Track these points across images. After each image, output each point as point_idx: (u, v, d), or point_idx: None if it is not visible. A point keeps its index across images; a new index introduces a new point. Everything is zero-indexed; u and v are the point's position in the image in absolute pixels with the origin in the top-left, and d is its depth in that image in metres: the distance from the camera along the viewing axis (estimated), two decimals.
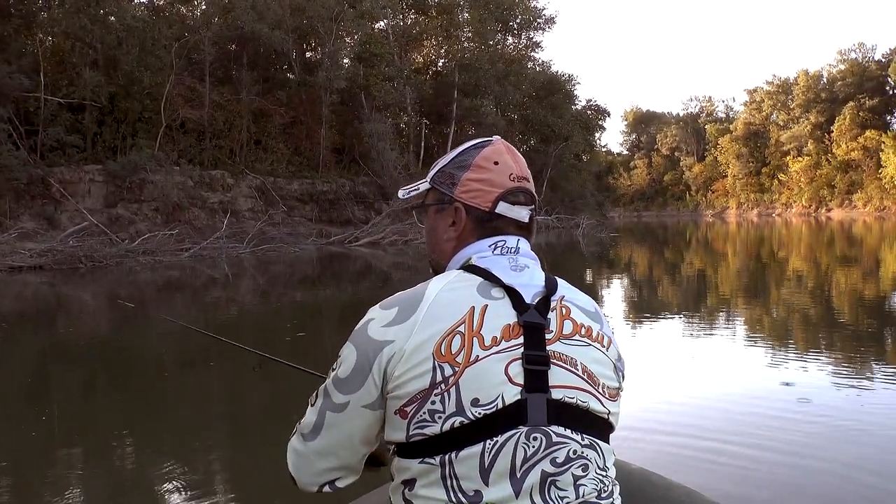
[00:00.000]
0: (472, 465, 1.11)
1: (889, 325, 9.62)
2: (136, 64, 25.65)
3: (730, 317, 10.36)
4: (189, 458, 4.40)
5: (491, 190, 1.28)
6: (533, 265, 1.28)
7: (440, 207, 1.33)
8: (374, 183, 33.56)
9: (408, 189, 1.41)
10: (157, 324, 9.88)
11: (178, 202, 25.65)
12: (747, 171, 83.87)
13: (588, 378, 1.19)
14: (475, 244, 1.28)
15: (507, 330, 1.16)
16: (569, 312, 1.23)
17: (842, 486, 3.63)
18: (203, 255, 21.34)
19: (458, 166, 1.31)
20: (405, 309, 1.18)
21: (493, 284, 1.20)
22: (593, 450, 1.17)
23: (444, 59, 43.51)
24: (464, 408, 1.11)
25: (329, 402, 1.22)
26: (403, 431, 1.15)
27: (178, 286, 16.19)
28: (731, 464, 3.93)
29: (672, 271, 19.02)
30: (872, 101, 70.68)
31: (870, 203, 66.41)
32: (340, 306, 12.44)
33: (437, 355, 1.12)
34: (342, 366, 1.21)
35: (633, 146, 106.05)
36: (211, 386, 6.61)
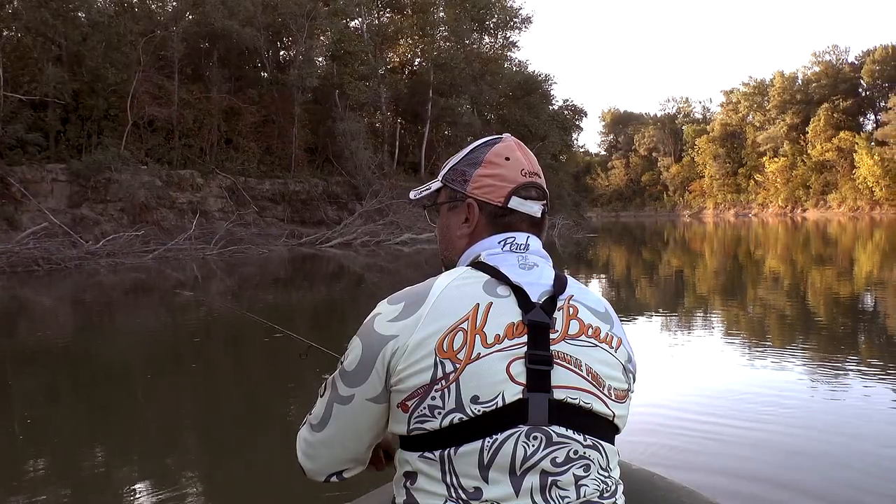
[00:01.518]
0: (470, 461, 1.11)
1: (869, 323, 9.62)
2: (102, 60, 24.88)
3: (708, 316, 10.35)
4: (166, 464, 4.30)
5: (503, 185, 1.28)
6: (543, 263, 1.27)
7: (453, 205, 1.33)
8: (348, 183, 33.03)
9: (419, 189, 1.42)
10: (122, 328, 9.56)
11: (146, 202, 24.96)
12: (724, 171, 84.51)
13: (592, 379, 1.18)
14: (485, 241, 1.28)
15: (510, 328, 1.15)
16: (576, 312, 1.22)
17: (840, 483, 3.63)
18: (168, 257, 20.69)
19: (470, 163, 1.32)
20: (411, 304, 1.18)
21: (500, 282, 1.20)
22: (596, 450, 1.17)
23: (420, 58, 43.04)
24: (463, 404, 1.11)
25: (336, 394, 1.23)
26: (404, 425, 1.16)
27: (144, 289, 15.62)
28: (713, 459, 3.98)
29: (650, 271, 18.89)
30: (846, 102, 71.59)
31: (844, 203, 67.13)
32: (313, 308, 12.13)
33: (439, 351, 1.13)
34: (348, 358, 1.22)
35: (610, 147, 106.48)
36: (186, 390, 6.39)
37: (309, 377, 6.69)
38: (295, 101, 31.96)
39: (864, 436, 4.41)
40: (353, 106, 34.83)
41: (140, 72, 26.34)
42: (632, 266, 20.77)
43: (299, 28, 32.26)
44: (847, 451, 4.14)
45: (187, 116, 28.95)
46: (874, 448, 4.18)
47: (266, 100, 32.38)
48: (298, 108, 32.17)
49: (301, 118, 32.79)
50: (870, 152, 63.53)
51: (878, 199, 63.57)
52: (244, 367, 7.43)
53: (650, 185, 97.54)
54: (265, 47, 33.35)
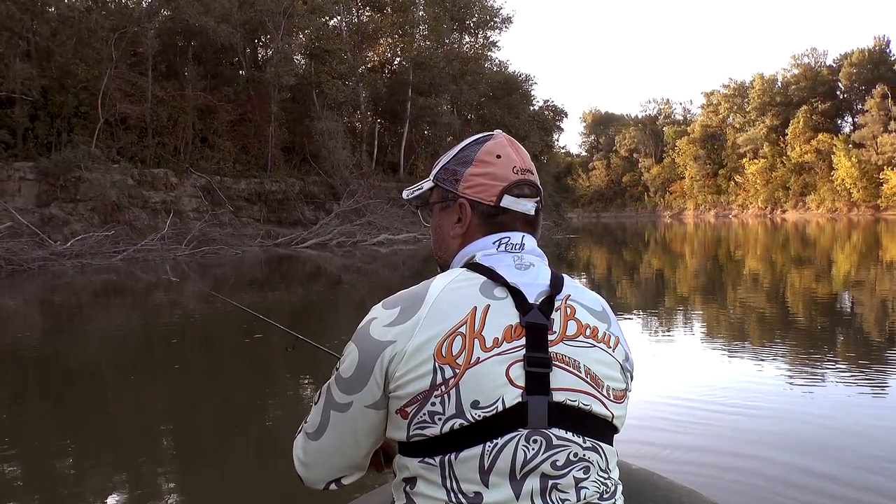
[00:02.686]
0: (471, 466, 1.10)
1: (847, 321, 9.71)
2: (72, 56, 24.25)
3: (688, 316, 10.38)
4: (141, 470, 4.19)
5: (495, 184, 1.27)
6: (539, 263, 1.25)
7: (445, 205, 1.32)
8: (326, 183, 32.63)
9: (411, 189, 1.40)
10: (92, 332, 9.40)
11: (117, 202, 24.41)
12: (704, 172, 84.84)
13: (591, 380, 1.17)
14: (479, 241, 1.26)
15: (508, 331, 1.14)
16: (574, 312, 1.21)
17: (834, 483, 3.63)
18: (137, 258, 20.18)
19: (461, 162, 1.30)
20: (407, 308, 1.16)
21: (496, 284, 1.19)
22: (595, 452, 1.17)
23: (400, 57, 42.71)
24: (464, 410, 1.10)
25: (332, 401, 1.21)
26: (404, 431, 1.15)
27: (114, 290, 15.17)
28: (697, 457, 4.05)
29: (630, 272, 18.76)
30: (825, 104, 72.19)
31: (822, 205, 67.62)
32: (290, 309, 11.89)
33: (437, 357, 1.11)
34: (344, 365, 1.20)
35: (591, 147, 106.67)
36: (163, 393, 6.25)
37: (287, 379, 6.72)
38: (272, 100, 31.51)
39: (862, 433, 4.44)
40: (332, 105, 34.47)
41: (112, 68, 25.74)
42: (612, 266, 20.59)
43: (276, 25, 31.83)
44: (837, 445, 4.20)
45: (161, 114, 28.39)
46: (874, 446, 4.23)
47: (242, 98, 31.90)
48: (275, 107, 31.72)
49: (278, 117, 32.35)
50: (847, 154, 64.02)
51: (855, 201, 64.06)
52: (224, 368, 7.35)
53: (631, 186, 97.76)
54: (242, 45, 32.87)
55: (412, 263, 21.60)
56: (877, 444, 4.26)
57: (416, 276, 18.32)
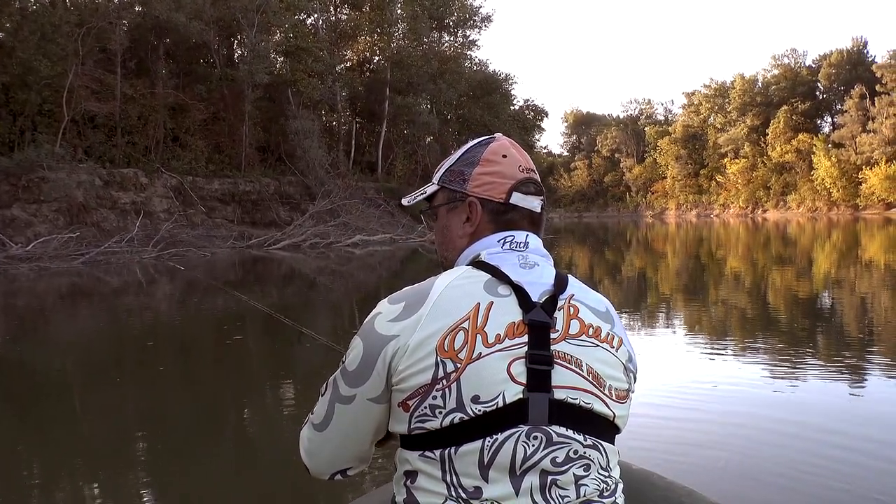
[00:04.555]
0: (471, 461, 1.12)
1: (827, 319, 9.76)
2: (34, 52, 23.47)
3: (670, 315, 10.41)
4: (117, 477, 4.08)
5: (503, 181, 1.29)
6: (543, 262, 1.27)
7: (453, 205, 1.33)
8: (301, 183, 32.03)
9: (413, 195, 1.41)
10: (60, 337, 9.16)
11: (84, 202, 23.70)
12: (686, 172, 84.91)
13: (593, 379, 1.18)
14: (484, 240, 1.28)
15: (511, 328, 1.15)
16: (577, 312, 1.22)
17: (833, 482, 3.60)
18: (100, 261, 19.44)
19: (467, 163, 1.32)
20: (411, 304, 1.18)
21: (501, 281, 1.20)
22: (596, 450, 1.17)
23: (378, 56, 42.18)
24: (464, 404, 1.11)
25: (337, 393, 1.23)
26: (405, 424, 1.16)
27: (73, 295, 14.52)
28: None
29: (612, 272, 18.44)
30: (804, 105, 72.41)
31: (803, 204, 67.85)
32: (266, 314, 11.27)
33: (439, 351, 1.13)
34: (349, 358, 1.22)
35: (573, 147, 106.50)
36: (126, 398, 6.09)
37: (266, 383, 6.63)
38: (245, 98, 30.88)
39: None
40: (307, 104, 33.87)
41: (78, 65, 24.97)
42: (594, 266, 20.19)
43: (250, 22, 31.20)
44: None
45: (131, 112, 27.70)
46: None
47: (215, 96, 31.27)
48: (249, 105, 31.12)
49: (252, 115, 31.74)
50: (827, 154, 64.22)
51: (835, 200, 64.26)
52: (204, 371, 7.25)
53: (613, 186, 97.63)
54: (216, 42, 32.22)
55: (389, 264, 21.08)
56: (872, 438, 4.23)
57: (393, 277, 17.90)
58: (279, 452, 4.37)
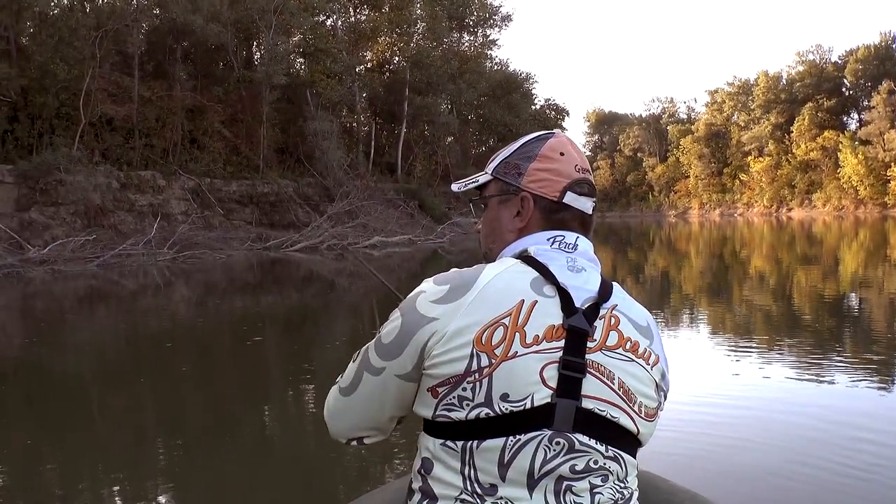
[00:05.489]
0: (491, 458, 1.11)
1: (854, 321, 9.56)
2: (52, 55, 23.48)
3: (691, 316, 10.25)
4: (130, 476, 4.07)
5: (559, 179, 1.28)
6: (591, 268, 1.26)
7: (505, 198, 1.32)
8: (320, 184, 31.86)
9: (464, 182, 1.40)
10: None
11: (101, 205, 23.69)
12: (709, 171, 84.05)
13: (623, 394, 1.18)
14: (534, 236, 1.27)
15: (550, 331, 1.15)
16: (617, 323, 1.21)
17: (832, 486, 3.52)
18: (114, 264, 19.33)
19: (524, 157, 1.31)
20: (456, 288, 1.17)
21: (547, 281, 1.19)
22: (616, 462, 1.17)
23: (398, 56, 41.97)
24: (492, 401, 1.11)
25: (367, 362, 1.23)
26: (431, 409, 1.16)
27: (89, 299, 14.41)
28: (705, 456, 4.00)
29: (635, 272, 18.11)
30: (830, 101, 71.27)
31: (829, 202, 66.79)
32: (286, 315, 11.23)
33: (477, 343, 1.12)
34: (386, 330, 1.21)
35: (595, 147, 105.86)
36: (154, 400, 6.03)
37: (284, 384, 6.55)
38: (263, 100, 30.79)
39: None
40: (326, 105, 33.73)
41: (95, 68, 24.98)
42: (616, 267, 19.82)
43: (267, 24, 31.12)
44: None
45: (148, 115, 27.64)
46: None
47: (233, 98, 31.19)
48: (267, 107, 30.99)
49: (270, 117, 31.63)
50: (854, 151, 63.11)
51: (862, 199, 63.15)
52: (222, 373, 7.19)
53: (635, 186, 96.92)
54: (234, 44, 32.21)
55: (409, 266, 20.82)
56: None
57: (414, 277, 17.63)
58: (299, 454, 4.38)
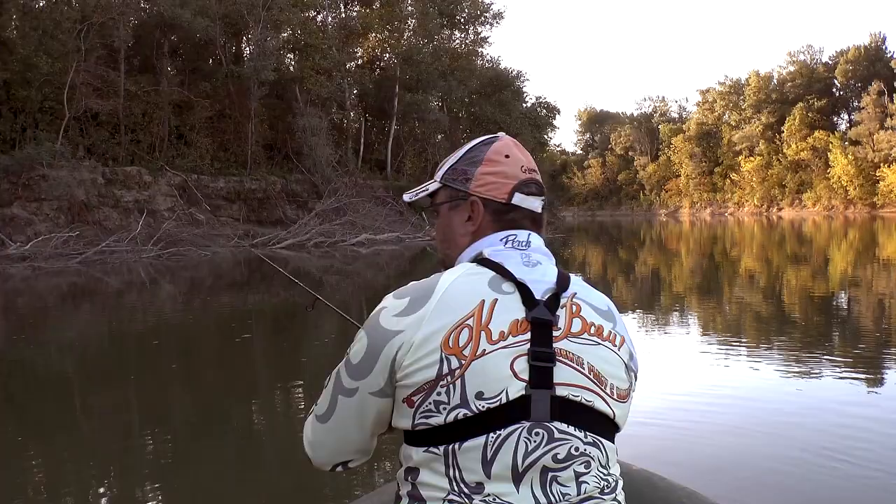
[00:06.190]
0: (474, 456, 1.12)
1: (843, 321, 9.62)
2: (35, 48, 23.15)
3: (683, 315, 10.32)
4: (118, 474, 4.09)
5: (506, 182, 1.30)
6: (546, 261, 1.28)
7: (455, 204, 1.34)
8: (308, 181, 31.60)
9: (415, 191, 1.42)
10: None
11: (86, 201, 23.40)
12: (700, 170, 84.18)
13: (594, 377, 1.19)
14: (487, 238, 1.29)
15: (514, 325, 1.16)
16: (579, 310, 1.23)
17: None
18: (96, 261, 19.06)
19: (470, 162, 1.33)
20: (417, 299, 1.19)
21: (505, 279, 1.21)
22: (596, 448, 1.18)
23: (388, 53, 41.69)
24: (468, 400, 1.12)
25: (340, 385, 1.23)
26: (409, 419, 1.16)
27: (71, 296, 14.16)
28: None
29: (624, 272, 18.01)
30: (820, 102, 71.53)
31: (819, 202, 67.00)
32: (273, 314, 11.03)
33: (444, 347, 1.13)
34: (354, 350, 1.22)
35: (586, 146, 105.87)
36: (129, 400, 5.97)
37: (273, 382, 6.55)
38: (252, 96, 30.52)
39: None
40: (315, 101, 33.45)
41: (80, 61, 24.65)
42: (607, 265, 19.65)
43: (256, 19, 30.84)
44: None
45: (135, 110, 27.37)
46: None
47: (221, 93, 30.91)
48: (255, 103, 30.71)
49: (259, 113, 31.37)
50: (843, 152, 63.34)
51: (851, 198, 63.39)
52: (211, 371, 7.16)
53: (626, 184, 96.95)
54: (222, 39, 31.88)
55: (397, 264, 20.64)
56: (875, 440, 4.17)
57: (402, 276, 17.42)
58: (287, 452, 4.34)
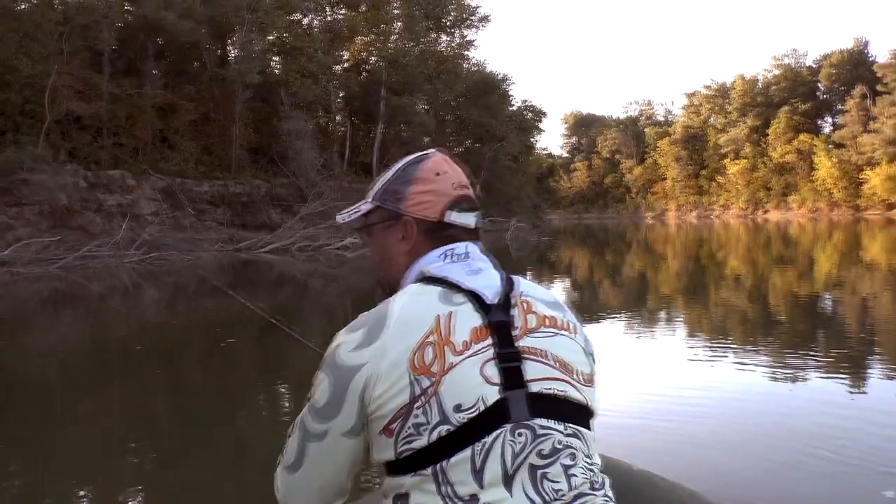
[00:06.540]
0: (464, 469, 1.10)
1: (825, 322, 9.73)
2: (15, 51, 22.87)
3: (670, 316, 10.35)
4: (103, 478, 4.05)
5: (438, 200, 1.30)
6: (487, 266, 1.28)
7: (388, 224, 1.33)
8: (294, 185, 31.45)
9: (348, 212, 1.40)
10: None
11: (68, 205, 23.13)
12: (686, 173, 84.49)
13: (562, 367, 1.20)
14: (426, 256, 1.29)
15: (475, 333, 1.16)
16: (530, 306, 1.24)
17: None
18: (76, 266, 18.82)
19: (402, 182, 1.32)
20: (372, 329, 1.17)
21: (453, 291, 1.21)
22: (577, 438, 1.18)
23: (375, 56, 41.63)
24: (447, 415, 1.11)
25: (308, 432, 1.21)
26: (392, 449, 1.14)
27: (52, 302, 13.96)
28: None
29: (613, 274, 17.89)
30: (805, 105, 72.08)
31: (804, 205, 67.42)
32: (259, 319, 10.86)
33: (412, 369, 1.12)
34: (316, 394, 1.20)
35: (573, 149, 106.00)
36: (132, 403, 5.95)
37: (260, 385, 6.51)
38: (237, 99, 30.32)
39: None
40: (301, 105, 33.31)
41: (62, 64, 24.38)
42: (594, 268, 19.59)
43: (241, 22, 30.66)
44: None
45: (118, 113, 27.10)
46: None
47: (205, 96, 30.70)
48: (240, 106, 30.53)
49: (243, 116, 31.19)
50: (828, 154, 63.80)
51: (836, 201, 63.85)
52: (196, 374, 7.17)
53: (613, 187, 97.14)
54: (208, 42, 31.68)
55: None
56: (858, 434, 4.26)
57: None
58: (272, 456, 4.13)
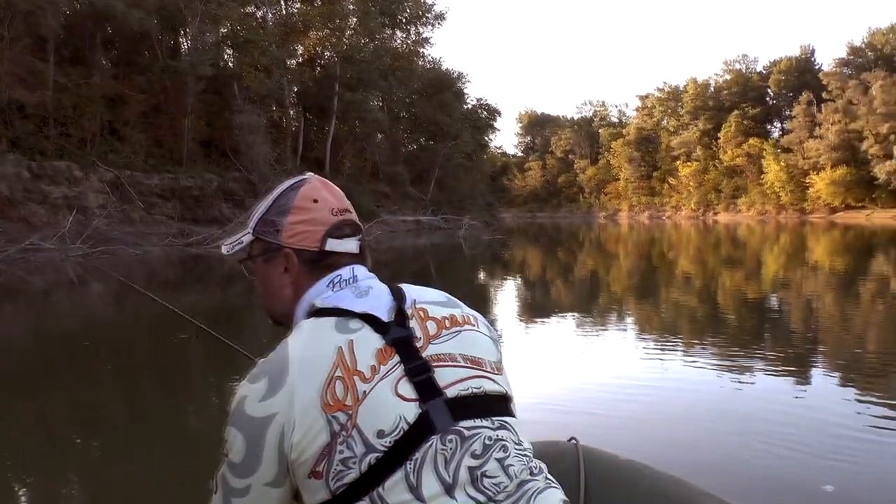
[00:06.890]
0: (401, 489, 1.09)
1: (771, 320, 9.86)
2: None
3: (620, 315, 10.41)
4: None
5: (316, 229, 1.28)
6: (374, 283, 1.28)
7: (269, 256, 1.30)
8: (246, 179, 31.03)
9: (231, 244, 1.36)
10: None
11: (10, 196, 22.43)
12: (639, 174, 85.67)
13: (473, 364, 1.20)
14: (313, 289, 1.27)
15: (380, 355, 1.15)
16: (427, 313, 1.24)
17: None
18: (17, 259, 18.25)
19: (279, 212, 1.30)
20: (275, 377, 1.14)
21: (348, 318, 1.19)
22: (504, 429, 1.18)
23: (329, 51, 41.29)
24: (372, 443, 1.10)
25: (230, 489, 1.17)
26: (325, 490, 1.12)
27: None
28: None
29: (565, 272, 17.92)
30: (755, 110, 73.67)
31: (753, 207, 68.81)
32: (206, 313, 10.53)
33: (326, 408, 1.11)
34: (232, 452, 1.16)
35: (527, 148, 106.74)
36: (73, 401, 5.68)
37: (209, 381, 6.43)
38: (188, 91, 29.75)
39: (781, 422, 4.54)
40: (254, 98, 32.86)
41: (4, 50, 23.62)
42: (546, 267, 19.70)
43: (193, 12, 30.10)
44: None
45: (65, 102, 26.34)
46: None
47: (156, 88, 30.05)
48: (192, 98, 29.97)
49: (195, 109, 30.63)
50: (776, 159, 65.21)
51: (783, 204, 65.30)
52: (145, 371, 7.01)
53: (566, 187, 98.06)
54: (158, 32, 31.01)
55: None
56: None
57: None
58: (217, 448, 4.03)
